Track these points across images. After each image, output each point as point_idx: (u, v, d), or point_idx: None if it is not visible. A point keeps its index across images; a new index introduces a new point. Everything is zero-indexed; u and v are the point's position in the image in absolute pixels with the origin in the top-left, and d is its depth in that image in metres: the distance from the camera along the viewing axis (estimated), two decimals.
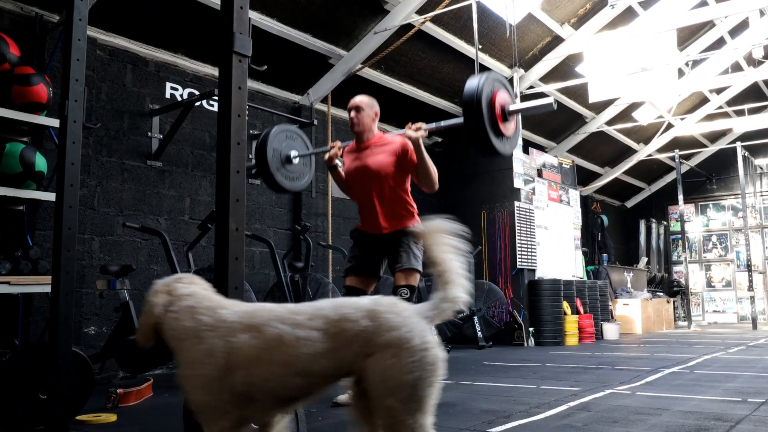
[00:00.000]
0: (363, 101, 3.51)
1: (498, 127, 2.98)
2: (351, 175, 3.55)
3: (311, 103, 6.84)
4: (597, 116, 10.24)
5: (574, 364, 5.50)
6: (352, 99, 3.52)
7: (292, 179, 3.83)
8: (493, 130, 2.96)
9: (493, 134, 2.96)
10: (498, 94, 3.02)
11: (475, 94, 2.90)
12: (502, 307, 7.71)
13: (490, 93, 2.98)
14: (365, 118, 3.48)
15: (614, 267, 11.61)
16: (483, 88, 2.91)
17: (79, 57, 2.88)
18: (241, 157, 2.31)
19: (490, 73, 3.05)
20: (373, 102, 3.55)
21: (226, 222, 2.25)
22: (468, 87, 2.94)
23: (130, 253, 5.17)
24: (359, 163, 3.46)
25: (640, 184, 14.19)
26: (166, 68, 5.66)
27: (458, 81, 7.85)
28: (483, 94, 2.90)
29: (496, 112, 2.97)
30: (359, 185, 3.50)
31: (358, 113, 3.47)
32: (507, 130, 3.07)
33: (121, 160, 5.22)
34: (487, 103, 2.92)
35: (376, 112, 3.54)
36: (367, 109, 3.49)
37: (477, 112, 2.89)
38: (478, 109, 2.88)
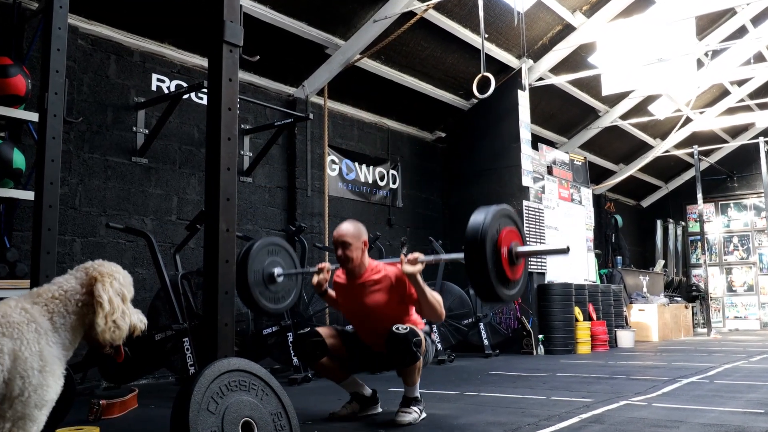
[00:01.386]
0: (348, 234, 3.35)
1: (504, 273, 2.75)
2: (345, 310, 3.56)
3: (307, 95, 6.85)
4: (611, 110, 10.24)
5: (586, 373, 5.50)
6: (336, 231, 3.39)
7: (277, 300, 3.73)
8: (498, 277, 2.73)
9: (498, 282, 2.73)
10: (505, 234, 2.79)
11: (479, 233, 2.67)
12: (510, 313, 7.71)
13: (496, 232, 2.76)
14: (354, 252, 3.34)
15: (629, 270, 11.61)
16: (488, 227, 2.69)
17: (60, 47, 2.88)
18: (231, 153, 2.31)
19: (498, 208, 2.81)
20: (359, 231, 3.40)
21: (216, 222, 2.25)
22: (472, 223, 2.72)
23: (113, 255, 5.17)
24: (355, 301, 3.42)
25: (657, 182, 14.18)
26: (152, 59, 5.66)
27: (463, 72, 7.85)
28: (488, 234, 2.68)
29: (502, 255, 2.74)
30: (357, 320, 3.50)
31: (346, 249, 3.33)
32: (514, 273, 2.83)
33: (104, 157, 5.22)
34: (491, 246, 2.70)
35: (364, 241, 3.40)
36: (355, 242, 3.35)
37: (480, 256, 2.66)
38: (481, 251, 2.65)
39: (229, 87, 2.31)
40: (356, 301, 3.40)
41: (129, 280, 1.94)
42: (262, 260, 3.63)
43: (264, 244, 3.68)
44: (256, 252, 3.59)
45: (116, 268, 1.92)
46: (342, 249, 3.35)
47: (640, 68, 7.92)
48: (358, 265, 3.37)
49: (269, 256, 3.69)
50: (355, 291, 3.40)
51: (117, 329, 1.82)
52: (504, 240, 2.76)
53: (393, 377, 5.19)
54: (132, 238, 5.23)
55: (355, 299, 3.41)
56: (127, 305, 1.87)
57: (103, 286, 1.82)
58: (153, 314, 4.83)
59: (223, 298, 2.22)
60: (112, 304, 1.81)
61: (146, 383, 5.11)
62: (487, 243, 2.67)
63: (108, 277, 1.85)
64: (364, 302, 3.36)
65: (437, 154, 8.99)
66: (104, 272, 1.86)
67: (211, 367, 2.07)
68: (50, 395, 1.70)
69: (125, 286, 1.90)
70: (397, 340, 3.14)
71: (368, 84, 7.36)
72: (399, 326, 3.18)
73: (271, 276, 3.65)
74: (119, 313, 1.83)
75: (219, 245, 2.23)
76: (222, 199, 2.26)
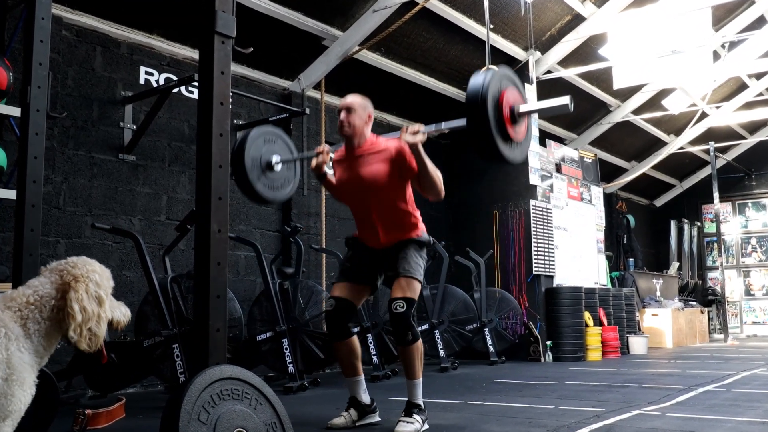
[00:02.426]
0: (355, 101, 3.45)
1: (506, 131, 2.90)
2: (343, 188, 3.54)
3: (302, 89, 6.85)
4: (622, 104, 10.24)
5: (596, 381, 5.51)
6: (343, 99, 3.47)
7: (275, 188, 3.78)
8: (501, 133, 2.88)
9: (501, 139, 2.88)
10: (506, 93, 2.93)
11: (479, 93, 2.81)
12: (516, 318, 7.71)
13: (497, 92, 2.89)
14: (357, 120, 3.41)
15: (642, 273, 11.61)
16: (489, 86, 2.83)
17: (43, 38, 2.88)
18: (224, 150, 2.31)
19: (498, 68, 2.98)
20: (366, 102, 3.49)
21: (208, 223, 2.25)
22: (472, 85, 2.86)
23: (99, 257, 5.13)
24: (351, 173, 3.43)
25: (671, 180, 14.18)
26: (140, 50, 5.66)
27: (467, 65, 7.85)
28: (489, 92, 2.81)
29: (504, 113, 2.89)
30: (353, 198, 3.50)
31: (349, 114, 3.40)
32: (516, 133, 2.98)
33: (89, 154, 5.22)
34: (493, 103, 2.84)
35: (369, 114, 3.47)
36: (360, 110, 3.42)
37: (482, 113, 2.81)
38: (482, 109, 2.80)
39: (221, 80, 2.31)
40: (354, 175, 3.41)
41: (106, 274, 1.92)
42: (258, 147, 3.69)
43: (260, 133, 3.75)
44: (252, 140, 3.65)
45: (91, 266, 1.89)
46: (345, 113, 3.41)
47: (654, 60, 7.92)
48: (359, 134, 3.42)
49: (266, 145, 3.75)
50: (354, 163, 3.42)
51: (93, 336, 1.81)
52: (506, 98, 2.91)
53: (394, 385, 5.20)
54: (119, 240, 5.23)
55: (353, 173, 3.42)
56: (104, 308, 1.85)
57: (75, 294, 1.80)
58: (141, 319, 4.83)
59: (215, 302, 2.22)
60: (85, 313, 1.79)
61: (134, 392, 5.11)
62: (489, 102, 2.81)
63: (82, 281, 1.83)
64: (362, 175, 3.37)
65: (440, 150, 8.98)
66: (78, 275, 1.84)
67: (203, 375, 2.07)
68: (15, 405, 1.69)
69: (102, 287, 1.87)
70: (396, 319, 3.24)
71: (367, 77, 7.36)
72: (396, 303, 3.24)
73: (268, 163, 3.70)
74: (94, 320, 1.81)
75: (210, 247, 2.23)
76: (213, 198, 2.26)
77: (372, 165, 3.37)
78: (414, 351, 3.30)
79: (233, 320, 4.91)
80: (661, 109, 10.57)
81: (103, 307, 1.85)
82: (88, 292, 1.83)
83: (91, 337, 1.81)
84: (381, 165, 3.36)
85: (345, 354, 3.45)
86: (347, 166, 3.47)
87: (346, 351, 3.45)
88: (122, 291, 5.21)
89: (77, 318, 1.78)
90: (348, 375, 3.50)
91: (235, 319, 4.97)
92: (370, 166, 3.38)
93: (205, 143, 2.29)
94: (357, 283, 3.48)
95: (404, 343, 3.29)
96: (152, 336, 4.44)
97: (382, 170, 3.35)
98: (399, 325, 3.26)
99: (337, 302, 3.42)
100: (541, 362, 7.56)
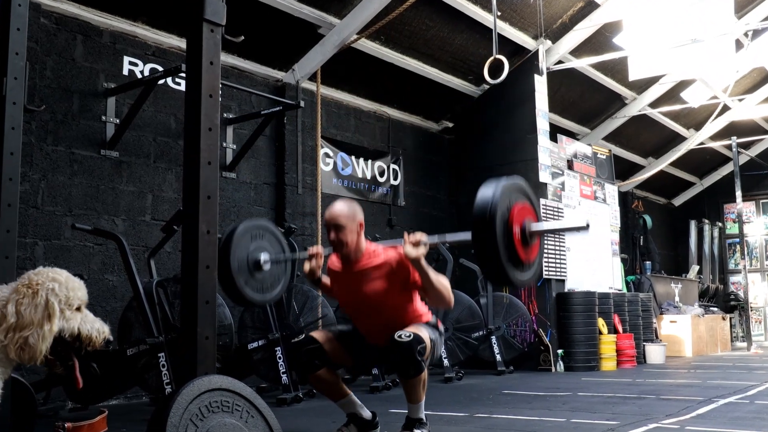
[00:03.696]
0: (342, 215, 3.32)
1: (516, 255, 2.75)
2: (342, 301, 3.55)
3: (297, 80, 6.85)
4: (639, 97, 10.23)
5: (611, 392, 5.51)
6: (328, 211, 3.38)
7: (264, 290, 3.73)
8: (511, 259, 2.73)
9: (510, 264, 2.74)
10: (517, 210, 2.78)
11: (487, 211, 2.66)
12: (526, 325, 7.71)
13: (507, 209, 2.74)
14: (349, 236, 3.31)
15: (659, 277, 11.60)
16: (498, 203, 2.68)
17: (20, 26, 2.88)
18: (213, 146, 2.31)
19: (508, 180, 2.82)
20: (354, 211, 3.37)
21: (196, 223, 2.25)
22: (479, 200, 2.71)
23: (80, 260, 5.17)
24: (351, 290, 3.41)
25: (691, 177, 14.18)
26: (123, 39, 5.66)
27: (473, 54, 7.85)
28: (498, 210, 2.66)
29: (514, 235, 2.73)
30: (354, 312, 3.50)
31: (339, 233, 3.30)
32: (527, 254, 2.82)
33: (69, 150, 5.23)
34: (502, 224, 2.69)
35: (360, 223, 3.37)
36: (349, 224, 3.32)
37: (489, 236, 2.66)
38: (490, 230, 2.65)
39: (211, 71, 2.31)
40: (354, 290, 3.40)
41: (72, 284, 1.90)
42: (245, 246, 3.64)
43: (248, 228, 3.69)
44: (238, 239, 3.58)
45: (55, 274, 1.88)
46: (335, 232, 3.33)
47: (672, 50, 7.91)
48: (354, 249, 3.36)
49: (254, 241, 3.69)
50: (352, 279, 3.40)
51: (26, 347, 1.78)
52: (516, 217, 2.76)
53: (394, 397, 5.20)
54: (101, 241, 5.23)
55: (352, 288, 3.41)
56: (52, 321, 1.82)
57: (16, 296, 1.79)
58: (125, 327, 4.83)
59: (204, 308, 2.23)
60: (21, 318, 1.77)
61: (117, 404, 5.11)
62: (497, 221, 2.67)
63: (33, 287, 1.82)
64: (363, 291, 3.36)
65: (444, 146, 8.99)
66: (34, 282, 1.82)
67: (190, 386, 2.07)
68: None
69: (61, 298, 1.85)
70: (399, 348, 3.12)
71: (366, 68, 7.36)
72: (401, 333, 3.17)
73: (256, 263, 3.65)
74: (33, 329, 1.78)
75: (199, 249, 2.23)
76: (202, 197, 2.26)
77: (373, 282, 3.33)
78: (418, 382, 3.23)
79: (223, 327, 4.91)
80: (679, 101, 10.56)
81: (51, 320, 1.82)
82: (35, 299, 1.81)
83: (23, 347, 1.78)
84: (382, 282, 3.32)
85: (322, 384, 3.42)
86: (346, 281, 3.44)
87: (321, 381, 3.41)
88: (104, 296, 5.21)
89: (9, 320, 1.77)
90: (336, 399, 3.48)
91: (224, 326, 4.97)
92: (371, 283, 3.34)
93: (193, 138, 2.29)
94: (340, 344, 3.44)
95: (408, 376, 3.21)
96: (136, 344, 4.44)
97: (383, 287, 3.32)
98: (402, 356, 3.12)
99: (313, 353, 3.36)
100: (551, 372, 7.56)
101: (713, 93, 10.57)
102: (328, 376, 3.41)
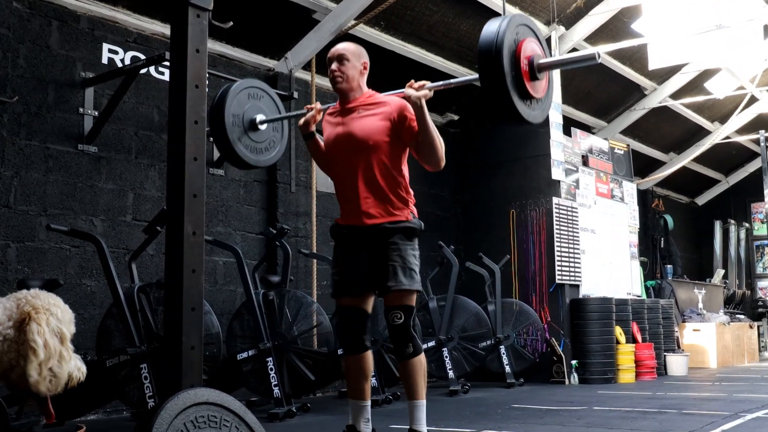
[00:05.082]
0: (347, 49, 3.47)
1: (524, 86, 2.94)
2: (331, 146, 3.52)
3: (290, 69, 6.85)
4: (659, 87, 10.24)
5: (629, 407, 5.51)
6: (333, 48, 3.51)
7: (258, 151, 3.82)
8: (518, 89, 2.92)
9: (517, 95, 2.93)
10: (525, 44, 2.98)
11: (494, 43, 2.85)
12: (537, 333, 7.72)
13: (514, 42, 2.94)
14: (350, 70, 3.42)
15: (681, 282, 11.61)
16: (504, 35, 2.87)
17: None
18: (199, 140, 2.31)
19: (514, 16, 3.03)
20: (360, 51, 3.52)
21: (181, 224, 2.25)
22: (485, 33, 2.91)
23: (56, 263, 5.17)
24: (342, 129, 3.43)
25: (715, 174, 14.19)
26: (102, 25, 5.66)
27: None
28: (504, 42, 2.86)
29: (521, 66, 2.93)
30: (340, 159, 3.48)
31: (342, 65, 3.42)
32: (536, 90, 3.02)
33: (44, 144, 5.23)
34: (509, 55, 2.89)
35: (364, 63, 3.50)
36: (353, 59, 3.45)
37: (496, 66, 2.85)
38: (497, 61, 2.84)
39: (197, 59, 2.31)
40: (344, 130, 3.42)
41: (69, 316, 1.92)
42: (241, 102, 3.69)
43: (244, 86, 3.78)
44: (234, 93, 3.67)
45: (54, 300, 1.90)
46: (337, 63, 3.42)
47: (695, 37, 7.91)
48: (354, 87, 3.44)
49: (250, 101, 3.76)
50: (346, 118, 3.43)
51: (54, 378, 1.80)
52: (524, 50, 2.95)
53: (396, 411, 5.20)
54: (78, 243, 5.23)
55: (343, 129, 3.43)
56: (66, 346, 1.85)
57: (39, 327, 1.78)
58: (104, 335, 4.83)
59: (189, 315, 2.23)
60: (48, 349, 1.78)
61: (95, 419, 5.11)
62: (504, 52, 2.84)
63: (44, 312, 1.82)
64: (353, 131, 3.38)
65: (448, 140, 8.95)
66: (39, 306, 1.83)
67: (175, 400, 2.07)
68: None
69: (63, 323, 1.87)
70: (395, 331, 3.30)
71: None
72: (394, 314, 3.28)
73: (252, 122, 3.72)
74: (56, 358, 1.80)
75: (184, 251, 2.23)
76: (187, 196, 2.26)
77: (367, 120, 3.38)
78: (416, 365, 3.32)
79: (210, 336, 4.91)
80: (703, 92, 10.57)
81: (65, 344, 1.84)
82: (50, 325, 1.82)
83: (51, 379, 1.79)
84: (377, 121, 3.36)
85: (355, 371, 3.44)
86: (339, 121, 3.47)
87: (356, 368, 3.44)
88: (82, 302, 5.21)
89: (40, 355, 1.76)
90: (354, 397, 3.47)
91: (212, 335, 4.97)
92: (364, 120, 3.38)
93: (178, 132, 2.29)
94: (356, 296, 3.48)
95: (405, 356, 3.32)
96: (117, 354, 4.44)
97: (378, 127, 3.36)
98: (399, 337, 3.31)
99: (348, 311, 3.43)
100: (565, 385, 7.56)
101: (740, 83, 10.58)
102: (362, 364, 3.43)
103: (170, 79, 2.34)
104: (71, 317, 1.94)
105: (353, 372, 3.45)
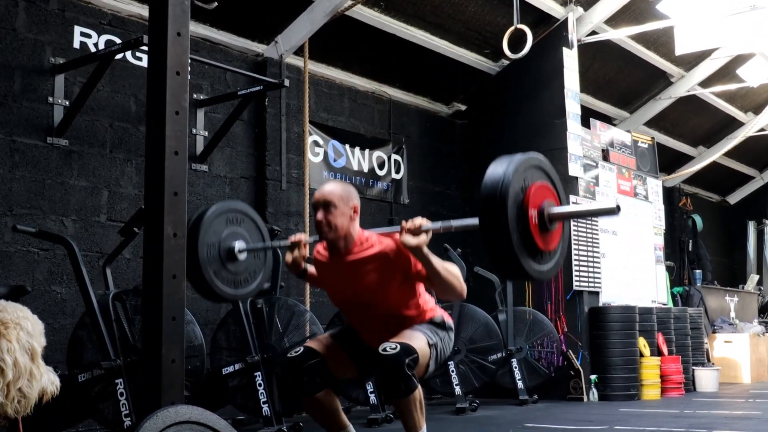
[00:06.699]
0: (333, 193, 3.35)
1: (532, 243, 2.71)
2: (333, 295, 3.60)
3: (281, 55, 6.84)
4: (687, 74, 10.23)
5: (654, 426, 5.51)
6: (317, 191, 3.42)
7: (238, 284, 3.75)
8: (526, 247, 2.69)
9: (525, 253, 2.70)
10: (534, 191, 2.75)
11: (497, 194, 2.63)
12: (552, 345, 7.71)
13: (521, 189, 2.70)
14: (338, 218, 3.33)
15: (711, 288, 11.60)
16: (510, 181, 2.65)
17: None
18: (180, 133, 2.31)
19: (524, 156, 2.81)
20: (349, 193, 3.43)
21: (161, 224, 2.25)
22: (487, 180, 2.67)
23: (23, 268, 5.17)
24: (344, 287, 3.44)
25: (749, 170, 14.18)
26: (74, 6, 5.66)
27: (489, 24, 7.85)
28: (510, 192, 2.62)
29: (530, 219, 2.69)
30: (347, 308, 3.54)
31: (328, 213, 3.31)
32: (547, 242, 2.79)
33: (10, 137, 5.22)
34: (515, 206, 2.66)
35: (354, 206, 3.40)
36: (341, 205, 3.34)
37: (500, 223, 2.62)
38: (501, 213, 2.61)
39: (178, 44, 2.31)
40: (346, 285, 3.41)
41: (39, 328, 1.92)
42: (217, 231, 3.65)
43: (219, 211, 3.71)
44: (209, 221, 3.61)
45: (23, 312, 1.90)
46: (323, 212, 3.32)
47: (727, 19, 7.91)
48: (344, 236, 3.37)
49: (228, 226, 3.72)
50: (344, 272, 3.41)
51: (23, 399, 1.80)
52: (533, 198, 2.74)
53: (397, 430, 5.19)
54: (47, 246, 5.23)
55: (344, 283, 3.43)
56: (36, 363, 1.85)
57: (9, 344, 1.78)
58: (76, 347, 4.83)
59: (170, 326, 2.23)
60: (17, 368, 1.78)
61: None
62: (509, 202, 2.64)
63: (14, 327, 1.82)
64: (357, 287, 3.37)
65: (455, 133, 8.99)
66: (8, 321, 1.83)
67: (153, 419, 2.07)
68: None
69: (34, 336, 1.87)
70: (384, 363, 3.13)
71: (363, 40, 7.36)
72: (386, 345, 3.16)
73: (229, 251, 3.67)
74: (26, 377, 1.80)
75: (163, 255, 2.24)
76: (168, 194, 2.26)
77: (369, 275, 3.34)
78: (411, 402, 3.21)
79: (192, 348, 4.91)
80: (735, 80, 10.56)
81: (36, 361, 1.84)
82: (20, 341, 1.82)
83: (20, 400, 1.79)
84: (379, 275, 3.34)
85: (319, 408, 3.41)
86: (336, 274, 3.47)
87: (318, 406, 3.40)
88: (52, 311, 5.21)
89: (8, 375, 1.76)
90: (333, 430, 3.48)
91: (194, 346, 4.97)
92: (366, 276, 3.35)
93: (157, 124, 2.29)
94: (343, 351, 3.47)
95: (398, 395, 3.19)
96: (90, 368, 4.43)
97: (381, 282, 3.33)
98: (389, 372, 3.14)
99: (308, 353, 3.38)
100: (583, 402, 7.56)
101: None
102: (329, 400, 3.41)
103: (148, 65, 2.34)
104: (41, 329, 1.94)
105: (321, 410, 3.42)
